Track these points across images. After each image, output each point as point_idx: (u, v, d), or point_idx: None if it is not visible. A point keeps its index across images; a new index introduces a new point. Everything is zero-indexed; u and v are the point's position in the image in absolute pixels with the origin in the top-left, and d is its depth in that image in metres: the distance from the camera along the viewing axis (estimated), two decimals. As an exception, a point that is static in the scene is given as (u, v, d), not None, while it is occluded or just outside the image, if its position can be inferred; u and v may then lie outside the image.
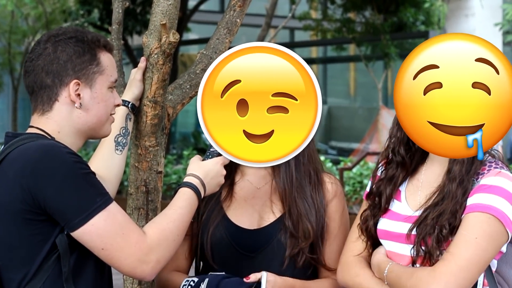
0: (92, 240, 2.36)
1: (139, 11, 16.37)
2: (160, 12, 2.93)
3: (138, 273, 2.42)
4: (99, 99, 2.54)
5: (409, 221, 2.67)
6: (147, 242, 2.41)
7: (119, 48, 3.15)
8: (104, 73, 2.55)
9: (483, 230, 2.51)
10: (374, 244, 2.78)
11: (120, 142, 2.90)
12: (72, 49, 2.51)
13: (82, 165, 2.39)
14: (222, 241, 2.85)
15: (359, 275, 2.73)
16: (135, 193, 2.99)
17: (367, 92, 21.44)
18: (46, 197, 2.33)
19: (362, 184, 11.90)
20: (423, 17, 16.88)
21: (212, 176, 2.72)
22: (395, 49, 15.73)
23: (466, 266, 2.47)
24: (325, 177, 2.97)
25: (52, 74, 2.50)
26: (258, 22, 14.01)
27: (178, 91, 3.05)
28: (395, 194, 2.77)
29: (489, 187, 2.57)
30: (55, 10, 19.33)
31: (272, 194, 2.91)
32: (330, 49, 20.82)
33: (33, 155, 2.37)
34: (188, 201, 2.60)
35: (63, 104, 2.52)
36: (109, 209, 2.38)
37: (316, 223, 2.87)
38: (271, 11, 10.99)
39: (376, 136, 16.70)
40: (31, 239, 2.38)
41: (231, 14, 3.08)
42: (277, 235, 2.84)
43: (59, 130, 2.52)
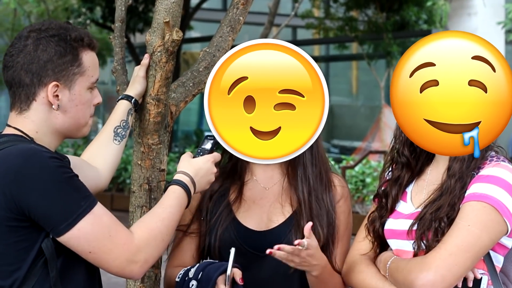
0: (79, 244, 2.34)
1: (141, 9, 16.39)
2: (163, 10, 2.93)
3: (127, 273, 2.40)
4: (77, 101, 2.49)
5: (411, 218, 2.68)
6: (135, 242, 2.39)
7: (122, 46, 3.14)
8: (85, 74, 2.50)
9: (476, 218, 2.51)
10: (382, 245, 2.78)
11: (119, 133, 2.87)
12: (53, 48, 2.45)
13: (64, 169, 2.35)
14: (232, 242, 2.82)
15: (363, 271, 2.74)
16: (138, 191, 2.99)
17: (370, 90, 21.43)
18: (30, 204, 2.30)
19: (365, 182, 11.90)
20: (425, 16, 16.88)
21: (203, 174, 2.69)
22: (397, 47, 15.74)
23: (456, 252, 2.48)
24: (334, 178, 2.95)
25: (31, 73, 2.44)
26: (260, 20, 14.00)
27: (181, 89, 3.04)
28: (401, 196, 2.77)
29: (487, 177, 2.58)
30: (57, 8, 19.34)
31: (282, 195, 2.90)
32: (332, 48, 20.80)
33: (15, 161, 2.32)
34: (177, 199, 2.57)
35: (41, 105, 2.46)
36: (95, 211, 2.35)
37: (326, 226, 2.85)
38: (274, 9, 10.98)
39: (379, 134, 16.70)
40: (17, 245, 2.35)
41: (234, 12, 3.08)
42: (287, 236, 2.82)
43: (36, 130, 2.47)
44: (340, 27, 17.20)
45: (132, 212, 2.99)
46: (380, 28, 16.18)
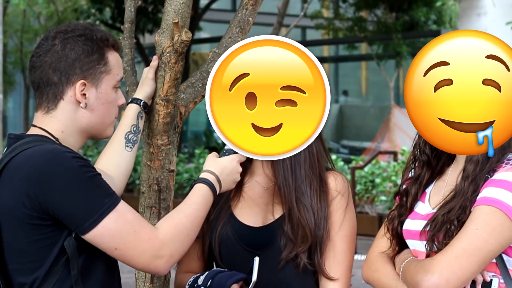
0: (105, 241, 2.36)
1: (150, 10, 16.41)
2: (172, 10, 2.93)
3: (152, 268, 2.42)
4: (104, 100, 2.53)
5: (426, 219, 2.68)
6: (160, 237, 2.41)
7: (131, 47, 3.14)
8: (111, 73, 2.54)
9: (485, 222, 2.50)
10: (401, 244, 2.78)
11: (131, 139, 2.89)
12: (81, 47, 2.49)
13: (87, 168, 2.37)
14: (228, 239, 2.84)
15: (379, 269, 2.74)
16: (147, 191, 2.99)
17: (379, 91, 21.43)
18: (55, 204, 2.33)
19: (374, 183, 11.88)
20: (435, 16, 16.86)
21: (228, 173, 2.71)
22: (407, 48, 15.72)
23: (462, 255, 2.47)
24: (330, 175, 2.91)
25: (60, 71, 2.48)
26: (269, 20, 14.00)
27: (190, 89, 3.04)
28: (420, 196, 2.77)
29: (499, 181, 2.57)
30: (67, 9, 19.42)
31: (274, 194, 2.90)
32: (341, 48, 20.82)
33: (38, 162, 2.35)
34: (203, 196, 2.60)
35: (68, 103, 2.50)
36: (118, 209, 2.37)
37: (314, 227, 2.80)
38: (283, 10, 10.97)
39: (388, 135, 16.70)
40: (40, 243, 2.37)
41: (244, 13, 3.08)
42: (277, 235, 2.81)
43: (62, 130, 2.51)
44: (349, 27, 17.21)
45: (141, 213, 2.99)
46: (390, 28, 16.18)
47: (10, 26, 20.32)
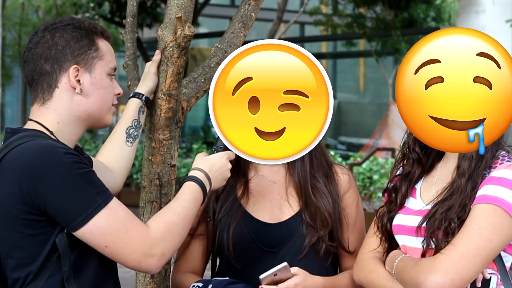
0: (95, 239, 2.35)
1: (149, 4, 16.40)
2: (175, 5, 2.93)
3: (144, 267, 2.42)
4: (99, 85, 2.53)
5: (420, 215, 2.68)
6: (151, 235, 2.40)
7: (133, 41, 3.14)
8: (103, 59, 2.55)
9: (487, 221, 2.50)
10: (389, 240, 2.78)
11: (132, 134, 2.89)
12: (70, 34, 2.51)
13: (80, 165, 2.36)
14: (244, 238, 2.83)
15: (372, 271, 2.74)
16: (149, 186, 2.99)
17: (377, 87, 21.43)
18: (46, 200, 2.32)
19: (372, 179, 11.88)
20: (433, 13, 16.86)
21: (217, 170, 2.71)
22: (405, 44, 15.71)
23: (466, 256, 2.47)
24: (337, 168, 2.98)
25: (51, 60, 2.49)
26: (269, 16, 14.01)
27: (192, 84, 3.04)
28: (410, 192, 2.77)
29: (498, 179, 2.57)
30: (65, 3, 19.38)
31: (287, 188, 2.90)
32: (340, 44, 20.79)
33: (31, 157, 2.34)
34: (193, 194, 2.59)
35: (64, 91, 2.50)
36: (110, 206, 2.36)
37: (333, 212, 2.87)
38: (282, 6, 10.98)
39: (386, 131, 16.68)
40: (33, 239, 2.37)
41: (246, 8, 3.08)
42: (298, 229, 2.84)
43: (58, 121, 2.50)
44: (348, 24, 17.20)
45: (142, 208, 3.00)
46: (388, 25, 16.17)
47: (9, 20, 20.27)
